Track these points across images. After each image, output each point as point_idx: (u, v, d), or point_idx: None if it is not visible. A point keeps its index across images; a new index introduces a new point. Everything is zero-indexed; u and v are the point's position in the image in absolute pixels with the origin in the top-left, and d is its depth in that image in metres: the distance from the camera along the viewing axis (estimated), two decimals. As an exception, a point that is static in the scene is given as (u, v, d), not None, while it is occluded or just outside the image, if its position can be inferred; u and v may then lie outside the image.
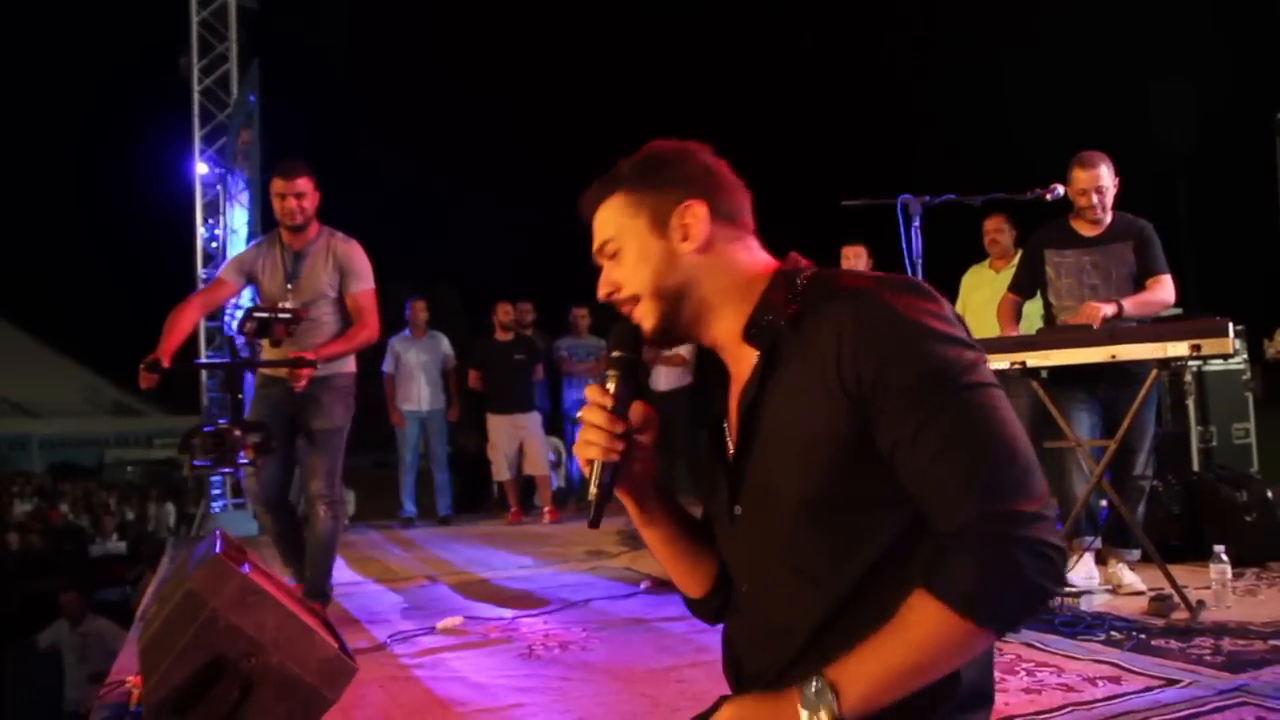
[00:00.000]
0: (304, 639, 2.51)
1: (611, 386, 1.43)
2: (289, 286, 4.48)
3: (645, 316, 1.43)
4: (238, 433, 3.97)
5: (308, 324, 4.42)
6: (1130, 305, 4.30)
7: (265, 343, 4.44)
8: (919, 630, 1.18)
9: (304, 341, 4.39)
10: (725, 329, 1.41)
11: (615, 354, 1.44)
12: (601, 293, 1.46)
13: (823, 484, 1.27)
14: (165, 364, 4.08)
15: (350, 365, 4.65)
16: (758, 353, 1.36)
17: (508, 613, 4.56)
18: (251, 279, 4.57)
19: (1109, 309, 4.22)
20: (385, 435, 9.10)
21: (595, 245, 1.47)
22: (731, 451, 1.40)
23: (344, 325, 4.54)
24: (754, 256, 1.44)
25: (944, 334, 1.25)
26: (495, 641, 4.06)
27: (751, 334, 1.37)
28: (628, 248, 1.43)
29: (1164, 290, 4.44)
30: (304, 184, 4.44)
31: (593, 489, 1.41)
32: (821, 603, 1.29)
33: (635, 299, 1.43)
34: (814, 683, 1.20)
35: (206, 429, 4.00)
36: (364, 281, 4.55)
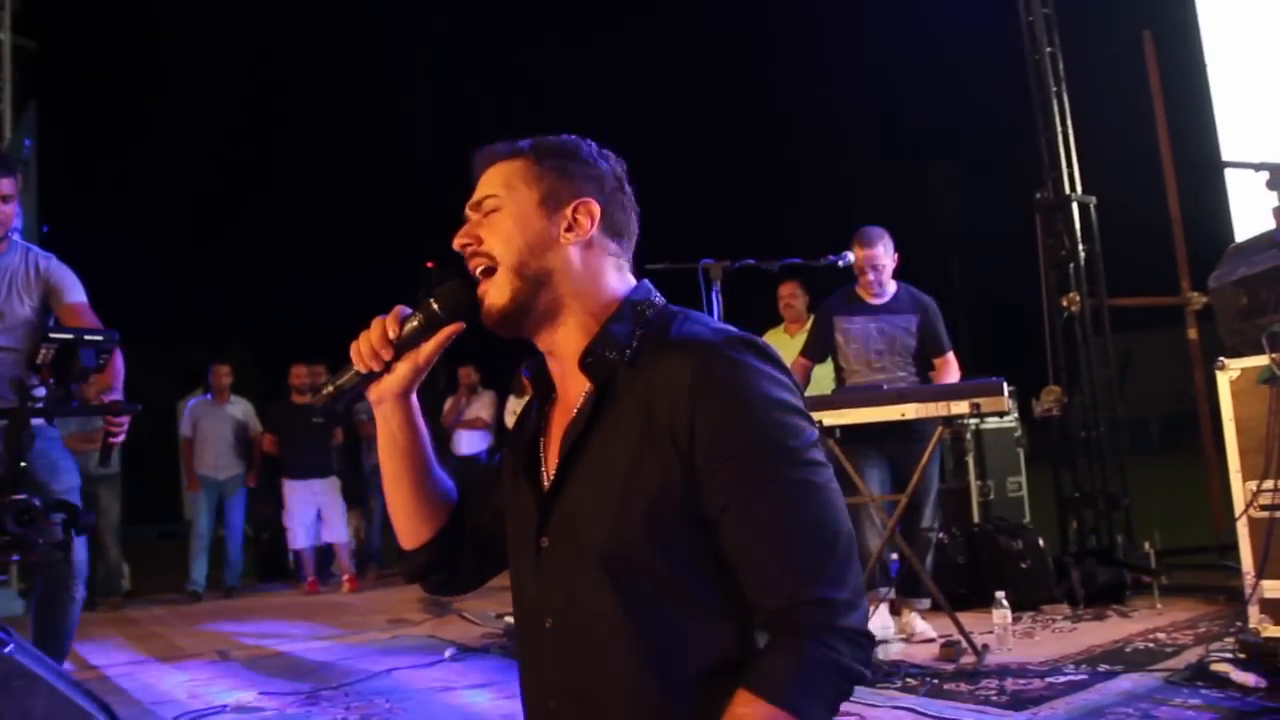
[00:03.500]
0: (78, 725, 2.31)
1: (411, 325, 1.39)
2: None
3: (497, 292, 1.34)
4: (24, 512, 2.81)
5: (11, 355, 3.64)
6: None
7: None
8: None
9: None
10: (567, 339, 1.36)
11: (434, 306, 1.38)
12: (458, 242, 1.38)
13: (634, 536, 1.24)
14: None
15: None
16: (588, 382, 1.32)
17: (305, 687, 4.34)
18: None
19: None
20: (169, 504, 8.56)
21: (475, 197, 1.39)
22: (548, 482, 1.36)
23: None
24: (622, 277, 1.40)
25: (783, 402, 1.24)
26: (293, 718, 3.86)
27: (588, 363, 1.32)
28: (508, 211, 1.35)
29: (952, 372, 4.81)
30: (9, 185, 3.67)
31: (333, 383, 1.44)
32: (626, 651, 1.25)
33: (492, 268, 1.35)
34: None
35: None
36: (78, 291, 3.81)
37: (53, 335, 3.08)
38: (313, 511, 8.30)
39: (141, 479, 9.29)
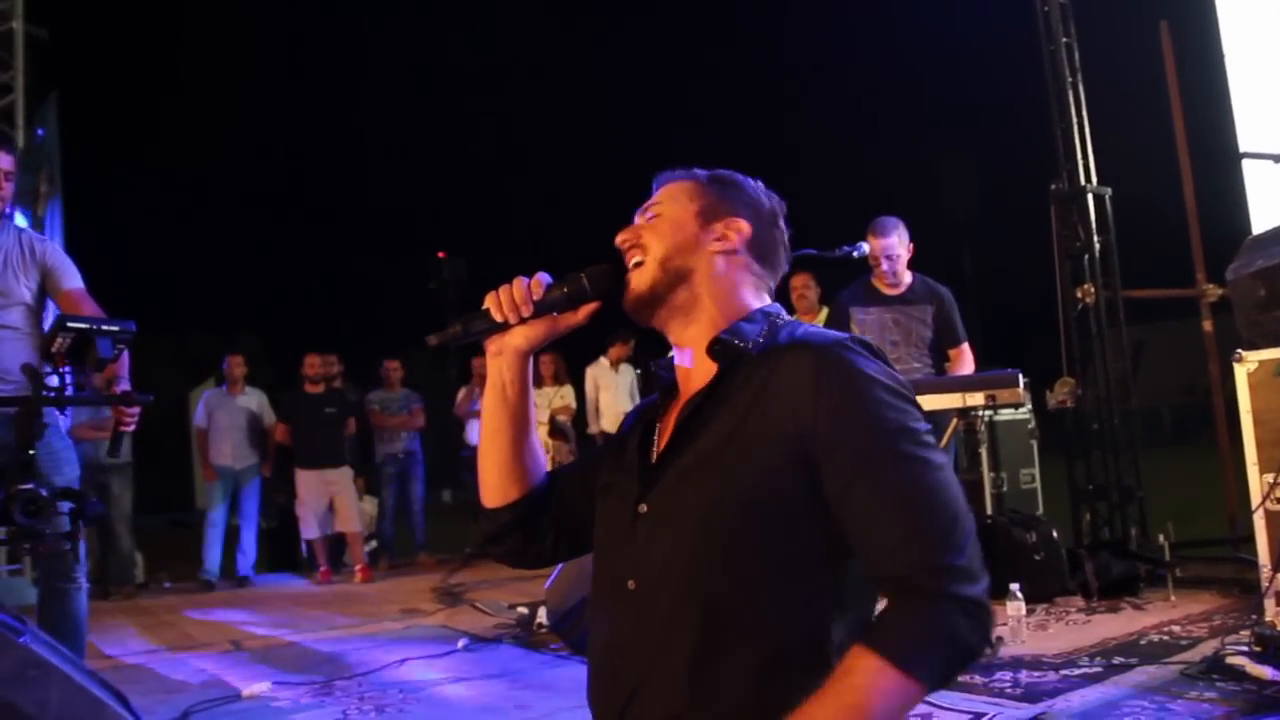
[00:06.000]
0: (93, 715, 2.33)
1: (556, 292, 1.49)
2: None
3: (641, 278, 1.47)
4: (31, 502, 2.75)
5: (11, 334, 3.58)
6: None
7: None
8: (860, 685, 1.19)
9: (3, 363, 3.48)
10: (698, 336, 1.46)
11: (583, 280, 1.49)
12: (620, 238, 1.52)
13: (738, 507, 1.31)
14: None
15: None
16: (714, 369, 1.41)
17: (319, 677, 4.36)
18: None
19: None
20: (180, 494, 8.62)
21: (646, 205, 1.54)
22: (658, 452, 1.45)
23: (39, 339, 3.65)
24: (759, 296, 1.52)
25: (900, 393, 1.33)
26: (307, 708, 3.87)
27: (715, 349, 1.42)
28: (668, 215, 1.50)
29: (967, 363, 4.80)
30: (8, 161, 3.61)
31: (463, 323, 1.52)
32: (707, 618, 1.30)
33: (643, 260, 1.48)
34: None
35: None
36: (77, 278, 3.75)
37: (70, 324, 3.05)
38: (325, 501, 8.33)
39: (153, 468, 9.31)
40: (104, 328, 3.07)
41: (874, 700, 1.19)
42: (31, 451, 3.00)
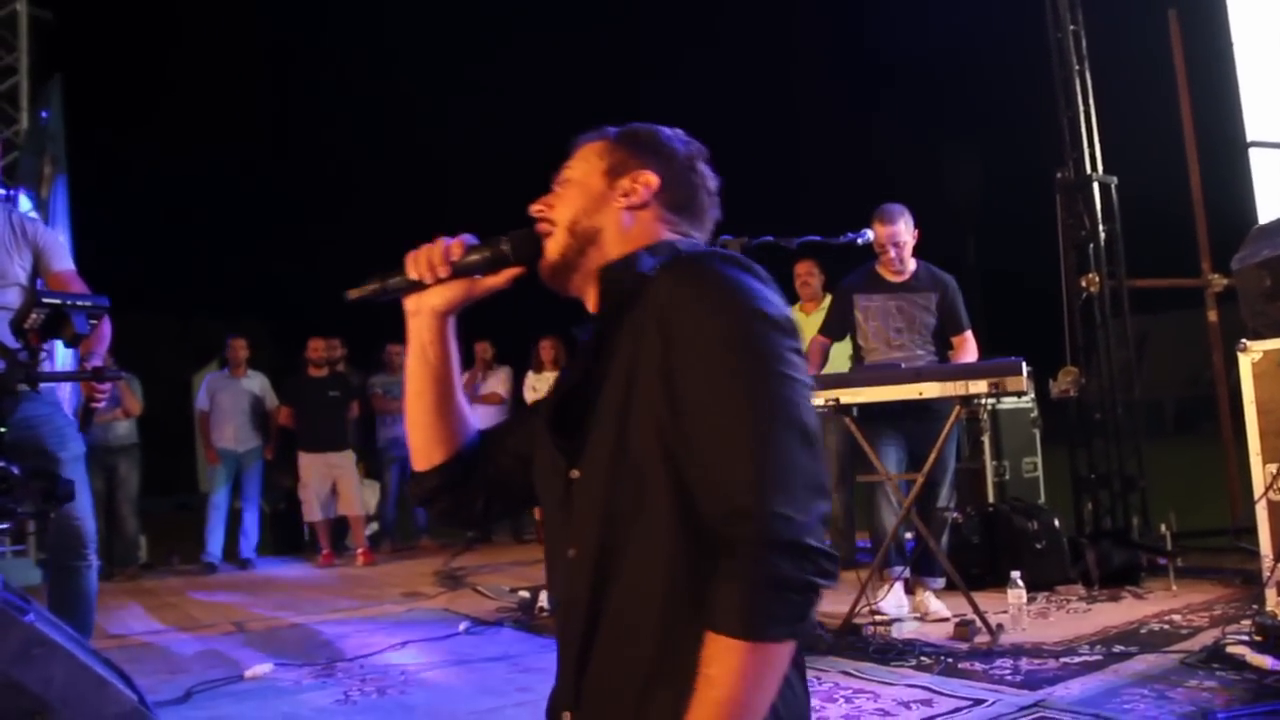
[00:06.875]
0: (97, 693, 2.33)
1: (475, 256, 1.46)
2: None
3: (552, 247, 1.44)
4: (3, 480, 2.72)
5: (10, 316, 3.52)
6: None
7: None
8: (721, 676, 1.15)
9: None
10: None
11: (503, 244, 1.45)
12: (534, 207, 1.47)
13: (638, 455, 1.25)
14: None
15: None
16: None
17: (321, 659, 4.37)
18: None
19: None
20: (185, 476, 8.62)
21: (559, 171, 1.50)
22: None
23: None
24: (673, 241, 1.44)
25: (759, 312, 1.25)
26: (309, 689, 3.88)
27: (602, 275, 1.38)
28: (576, 179, 1.46)
29: (970, 351, 4.79)
30: None
31: (380, 281, 1.49)
32: (629, 579, 1.26)
33: (553, 227, 1.44)
34: None
35: None
36: (67, 259, 3.76)
37: (44, 300, 3.01)
38: (328, 484, 8.35)
39: (156, 451, 9.31)
40: (77, 303, 3.04)
41: (740, 685, 1.14)
42: (3, 429, 2.97)
